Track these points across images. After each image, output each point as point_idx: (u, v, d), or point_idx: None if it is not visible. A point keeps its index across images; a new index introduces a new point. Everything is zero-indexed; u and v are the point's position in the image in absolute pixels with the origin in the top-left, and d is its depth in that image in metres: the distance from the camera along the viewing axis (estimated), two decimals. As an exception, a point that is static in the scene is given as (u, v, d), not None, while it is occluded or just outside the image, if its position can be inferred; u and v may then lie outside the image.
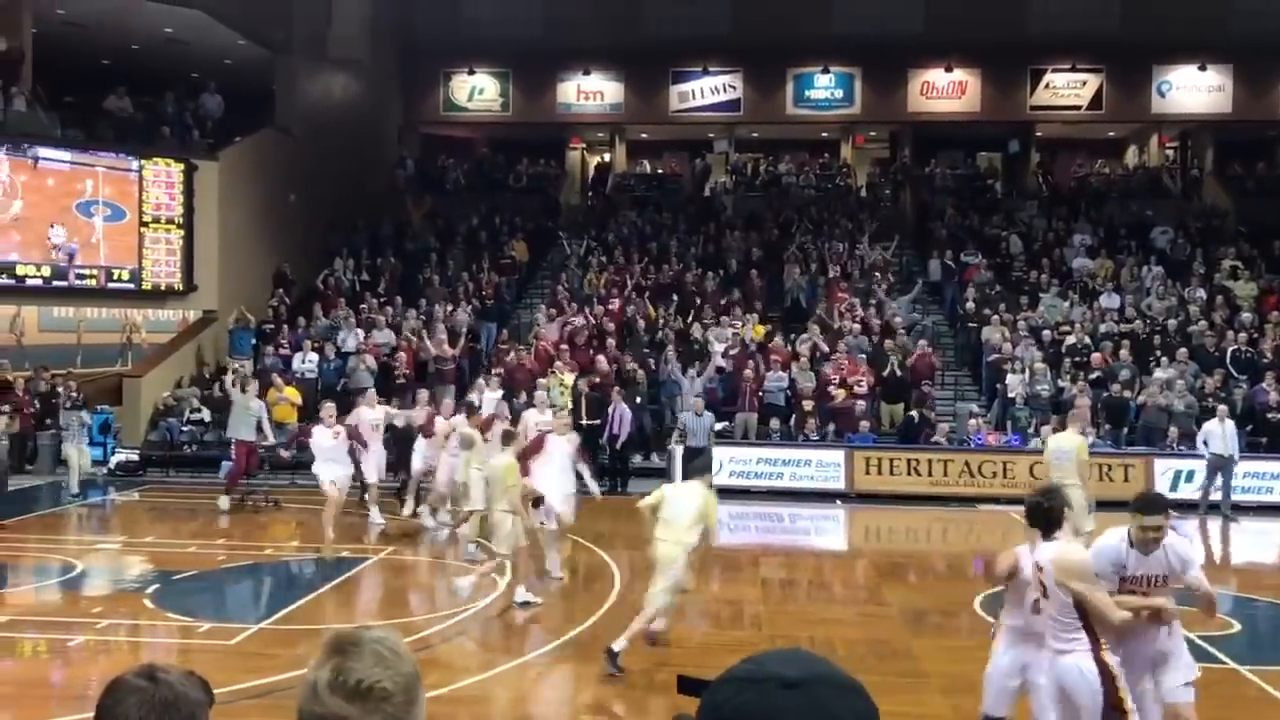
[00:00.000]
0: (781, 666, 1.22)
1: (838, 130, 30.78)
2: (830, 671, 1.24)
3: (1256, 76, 27.83)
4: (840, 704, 1.20)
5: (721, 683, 1.24)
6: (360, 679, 1.64)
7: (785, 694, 1.19)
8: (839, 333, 21.05)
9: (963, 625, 10.27)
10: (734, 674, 1.24)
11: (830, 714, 1.19)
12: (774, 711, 1.18)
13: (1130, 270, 23.73)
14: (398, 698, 1.65)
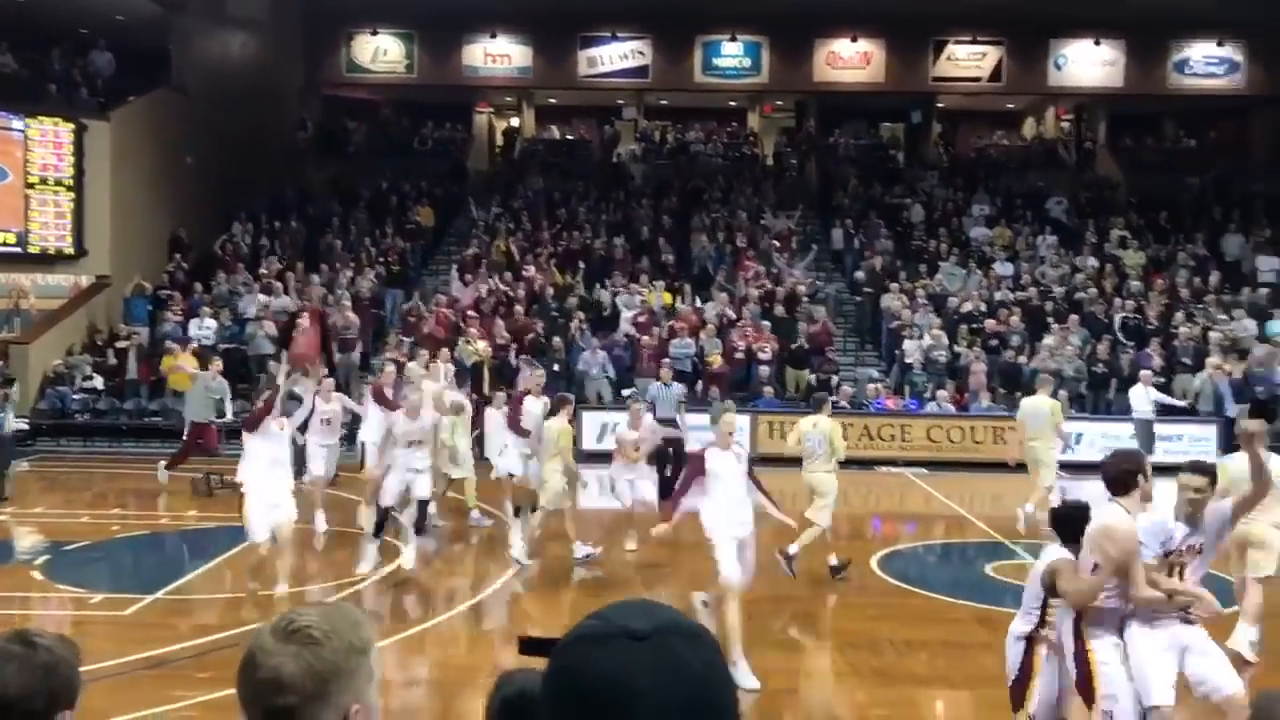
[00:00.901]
0: (628, 619, 1.22)
1: (745, 99, 30.93)
2: (676, 619, 1.24)
3: (1148, 52, 28.66)
4: (691, 653, 1.20)
5: (568, 643, 1.22)
6: (296, 623, 1.68)
7: (636, 647, 1.18)
8: (744, 300, 21.29)
9: (859, 584, 10.54)
10: (580, 632, 1.23)
11: (682, 663, 1.19)
12: (626, 667, 1.17)
13: (1025, 239, 24.38)
14: (325, 649, 1.66)
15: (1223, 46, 28.46)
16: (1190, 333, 20.12)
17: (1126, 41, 28.47)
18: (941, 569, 11.86)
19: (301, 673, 1.63)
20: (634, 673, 1.17)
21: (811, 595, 9.98)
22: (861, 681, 7.65)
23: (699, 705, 1.18)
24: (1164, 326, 20.59)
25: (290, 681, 1.63)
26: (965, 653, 8.28)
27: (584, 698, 1.17)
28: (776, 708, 7.14)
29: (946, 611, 9.93)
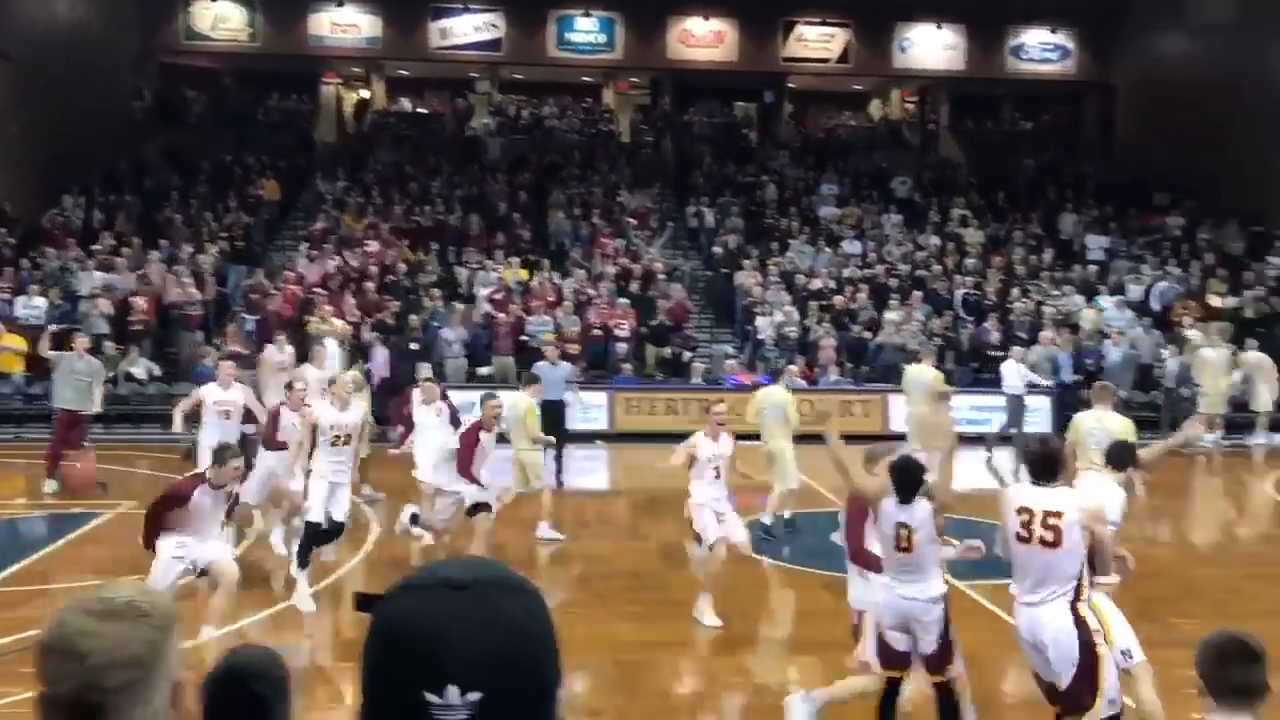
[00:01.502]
0: (451, 571, 1.23)
1: (600, 75, 30.89)
2: (501, 573, 1.25)
3: (987, 37, 29.73)
4: (510, 603, 1.21)
5: (389, 594, 1.24)
6: (118, 599, 1.63)
7: (454, 596, 1.20)
8: (601, 277, 21.33)
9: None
10: (403, 583, 1.25)
11: (499, 612, 1.20)
12: (443, 615, 1.19)
13: (872, 218, 25.07)
14: (154, 620, 1.62)
15: (1056, 33, 29.75)
16: (1026, 308, 21.03)
17: (967, 26, 29.47)
18: (790, 538, 12.12)
19: (143, 646, 1.59)
20: (447, 621, 1.18)
21: (663, 568, 10.08)
22: (712, 650, 7.77)
23: (514, 656, 1.19)
24: (1001, 302, 21.47)
25: (131, 658, 1.58)
26: (812, 619, 8.50)
27: (397, 644, 1.19)
28: (630, 678, 7.19)
29: (795, 579, 10.18)
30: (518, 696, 1.19)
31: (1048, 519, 5.20)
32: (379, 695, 1.20)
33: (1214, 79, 25.66)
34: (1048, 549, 5.19)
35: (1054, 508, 5.22)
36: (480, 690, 1.16)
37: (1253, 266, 23.14)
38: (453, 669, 1.16)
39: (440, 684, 1.16)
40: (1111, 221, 25.39)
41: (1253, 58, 25.05)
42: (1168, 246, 24.20)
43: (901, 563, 5.64)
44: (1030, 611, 5.23)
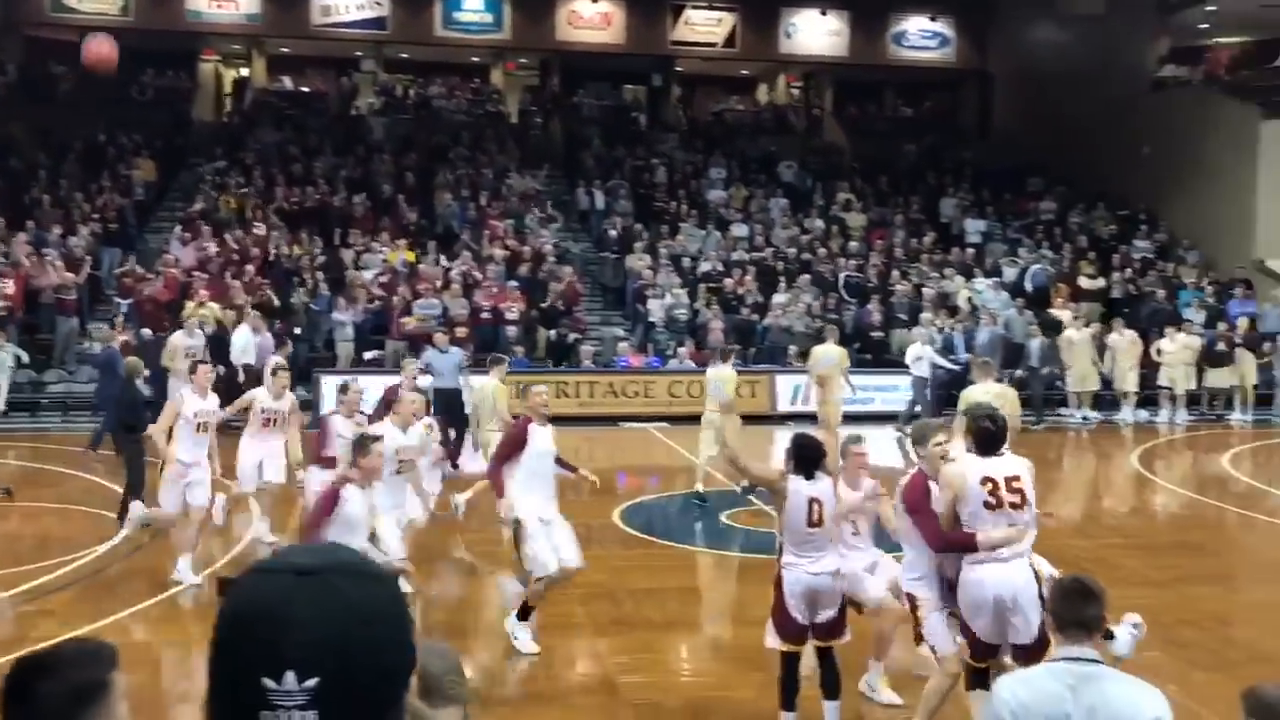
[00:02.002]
0: (299, 556, 1.24)
1: (488, 55, 30.60)
2: (352, 560, 1.25)
3: (869, 24, 30.28)
4: (358, 589, 1.21)
5: (238, 577, 1.24)
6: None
7: (299, 581, 1.19)
8: (490, 259, 21.21)
9: (601, 537, 10.78)
10: (254, 566, 1.25)
11: (344, 598, 1.19)
12: (286, 599, 1.18)
13: (759, 202, 25.41)
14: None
15: (935, 21, 30.47)
16: (906, 290, 21.60)
17: (850, 13, 29.97)
18: (681, 519, 12.29)
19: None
20: (291, 604, 1.18)
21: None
22: (601, 631, 7.86)
23: (356, 642, 1.19)
24: (883, 284, 22.01)
25: None
26: (700, 597, 8.67)
27: (239, 628, 1.19)
28: (515, 664, 7.23)
29: (684, 559, 10.34)
30: (357, 682, 1.18)
31: (1010, 484, 5.50)
32: (220, 680, 1.19)
33: (1084, 68, 26.63)
34: (1016, 510, 5.48)
35: (1012, 473, 5.54)
36: (318, 675, 1.15)
37: (1120, 249, 24.15)
38: (291, 654, 1.16)
39: (278, 669, 1.15)
40: (988, 206, 26.20)
41: (1121, 48, 26.09)
42: (1041, 230, 25.08)
43: (811, 539, 5.82)
44: (1002, 569, 5.42)
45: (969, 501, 5.50)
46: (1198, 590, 8.98)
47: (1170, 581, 9.22)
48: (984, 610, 5.43)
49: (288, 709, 1.16)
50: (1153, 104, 25.13)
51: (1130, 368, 19.14)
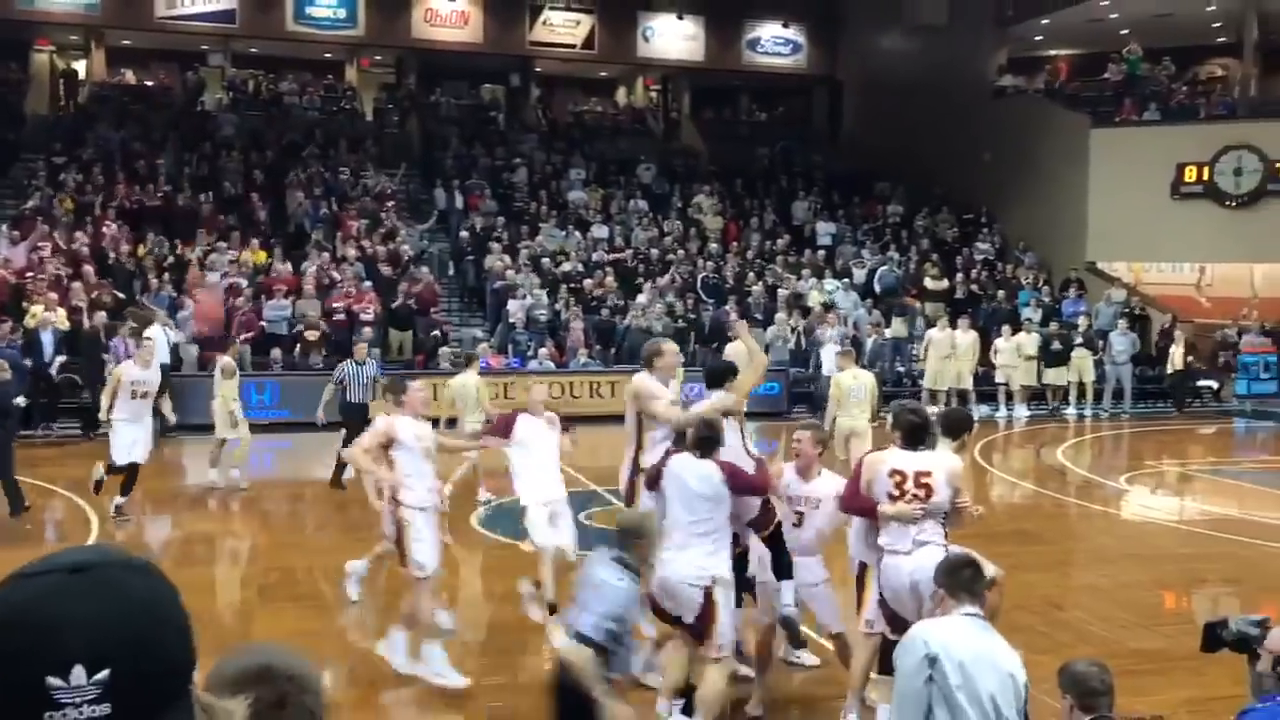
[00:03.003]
0: (70, 556, 1.22)
1: (342, 52, 29.98)
2: (123, 556, 1.23)
3: (724, 29, 30.82)
4: (136, 582, 1.20)
5: (7, 578, 1.20)
6: None
7: (72, 578, 1.18)
8: (344, 259, 20.81)
9: (461, 541, 10.70)
10: (17, 572, 1.20)
11: (125, 591, 1.18)
12: (64, 597, 1.16)
13: (619, 203, 25.59)
14: None
15: (788, 29, 31.19)
16: (761, 290, 22.06)
17: (706, 18, 30.44)
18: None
19: None
20: (70, 603, 1.16)
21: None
22: (458, 635, 7.81)
23: (142, 633, 1.18)
24: (739, 285, 22.43)
25: None
26: (558, 599, 8.67)
27: (14, 630, 1.15)
28: (370, 671, 7.14)
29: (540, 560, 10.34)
30: (147, 672, 1.17)
31: (920, 479, 5.82)
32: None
33: (928, 76, 27.68)
34: (920, 503, 5.82)
35: (924, 468, 5.85)
36: (108, 667, 1.14)
37: (963, 252, 25.16)
38: (77, 648, 1.14)
39: (64, 666, 1.13)
40: (839, 209, 26.96)
41: (962, 58, 27.19)
42: (888, 233, 25.94)
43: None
44: (912, 558, 5.75)
45: (875, 490, 5.92)
46: (1032, 577, 9.42)
47: (1006, 569, 9.64)
48: (902, 593, 5.79)
49: (77, 705, 1.13)
50: (992, 112, 26.27)
51: (970, 366, 19.93)
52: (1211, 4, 24.68)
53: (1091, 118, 24.31)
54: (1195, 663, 5.93)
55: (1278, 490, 14.34)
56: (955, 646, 4.01)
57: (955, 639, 4.06)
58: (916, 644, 4.08)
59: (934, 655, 3.99)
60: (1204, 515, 12.66)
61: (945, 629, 4.14)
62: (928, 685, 4.00)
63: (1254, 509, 13.05)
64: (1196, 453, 17.81)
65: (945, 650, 3.97)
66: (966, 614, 4.19)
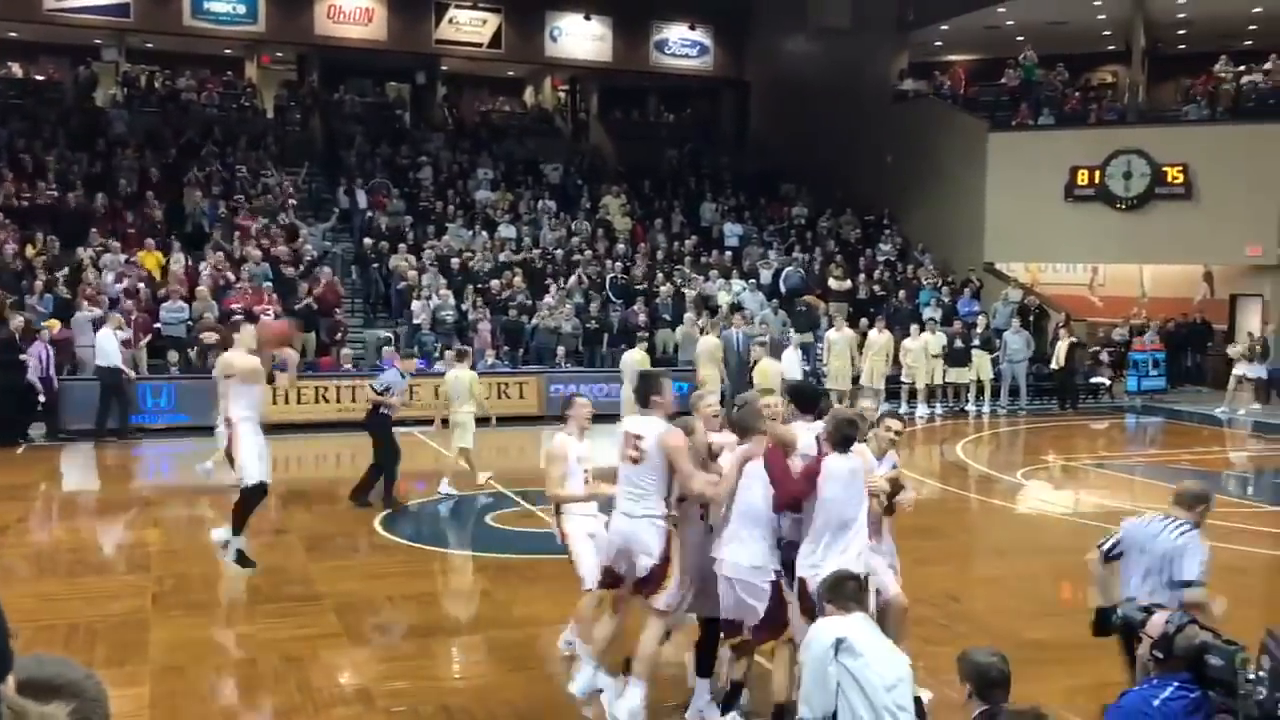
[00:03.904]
0: None
1: (241, 48, 29.33)
2: None
3: (632, 31, 30.87)
4: None
5: None
6: None
7: None
8: (244, 260, 20.34)
9: (361, 545, 10.55)
10: None
11: None
12: None
13: (527, 203, 25.46)
14: None
15: (695, 30, 31.36)
16: (670, 291, 22.13)
17: (614, 19, 30.45)
18: (445, 523, 12.17)
19: None
20: None
21: (307, 560, 9.81)
22: (359, 640, 7.68)
23: None
24: (649, 285, 22.47)
25: None
26: (461, 601, 8.60)
27: None
28: (268, 678, 6.97)
29: (447, 563, 10.24)
30: None
31: None
32: None
33: (832, 80, 28.10)
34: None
35: None
36: None
37: (866, 252, 25.58)
38: None
39: None
40: (745, 210, 27.20)
41: (865, 61, 27.65)
42: (794, 234, 26.24)
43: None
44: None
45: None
46: (933, 570, 9.59)
47: (909, 564, 9.81)
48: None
49: None
50: (894, 115, 26.74)
51: (883, 365, 20.25)
52: (1102, 13, 25.48)
53: (989, 122, 24.91)
54: (1090, 651, 6.12)
55: (1165, 483, 14.82)
56: (858, 636, 4.45)
57: (857, 631, 4.49)
58: (825, 632, 4.47)
59: (841, 639, 4.39)
60: (1097, 508, 13.04)
61: (849, 625, 4.53)
62: (836, 667, 4.36)
63: (1143, 501, 13.48)
64: (1089, 448, 18.34)
65: (850, 638, 4.41)
66: (857, 616, 4.63)
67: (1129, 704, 4.33)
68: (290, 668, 7.07)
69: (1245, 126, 22.73)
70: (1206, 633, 4.36)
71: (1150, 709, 4.23)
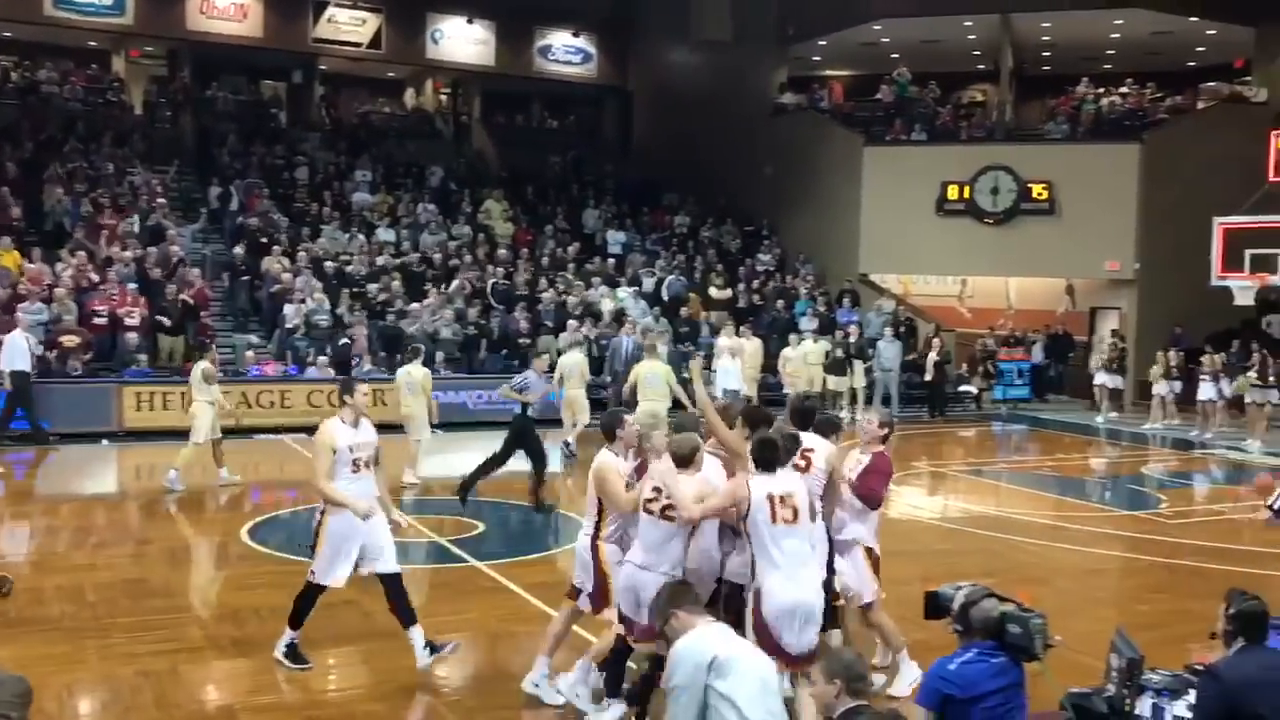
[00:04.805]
0: None
1: (108, 41, 28.25)
2: None
3: (515, 35, 30.75)
4: None
5: None
6: None
7: None
8: (109, 261, 19.57)
9: (228, 555, 10.23)
10: None
11: None
12: None
13: (406, 206, 25.08)
14: None
15: (578, 38, 31.41)
16: (553, 297, 22.06)
17: (497, 23, 30.30)
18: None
19: None
20: None
21: (170, 572, 9.47)
22: (223, 654, 7.44)
23: None
24: (531, 292, 22.36)
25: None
26: (330, 612, 8.37)
27: None
28: (124, 695, 6.69)
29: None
30: None
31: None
32: None
33: (714, 91, 28.42)
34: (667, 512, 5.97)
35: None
36: None
37: (746, 262, 25.92)
38: None
39: None
40: (628, 218, 27.29)
41: (746, 74, 28.04)
42: (676, 243, 26.44)
43: None
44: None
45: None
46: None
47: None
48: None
49: None
50: (774, 128, 27.18)
51: (754, 374, 20.49)
52: (972, 34, 26.35)
53: (865, 136, 25.51)
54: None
55: (1030, 489, 15.39)
56: (724, 651, 4.34)
57: (722, 646, 4.40)
58: (693, 652, 4.33)
59: (713, 658, 4.28)
60: (964, 513, 13.43)
61: (711, 638, 4.46)
62: (706, 689, 4.26)
63: (1009, 506, 13.96)
64: (958, 454, 18.90)
65: (719, 655, 4.30)
66: (712, 623, 4.55)
67: (929, 671, 4.63)
68: (148, 684, 6.80)
69: (1104, 146, 23.77)
70: (1007, 604, 4.62)
71: (946, 672, 4.48)
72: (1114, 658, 4.82)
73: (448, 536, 10.98)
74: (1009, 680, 4.48)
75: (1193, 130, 23.89)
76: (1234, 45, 25.56)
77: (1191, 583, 9.92)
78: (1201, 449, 18.88)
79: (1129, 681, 4.70)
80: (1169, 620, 8.59)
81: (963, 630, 4.65)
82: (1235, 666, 4.45)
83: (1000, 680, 4.45)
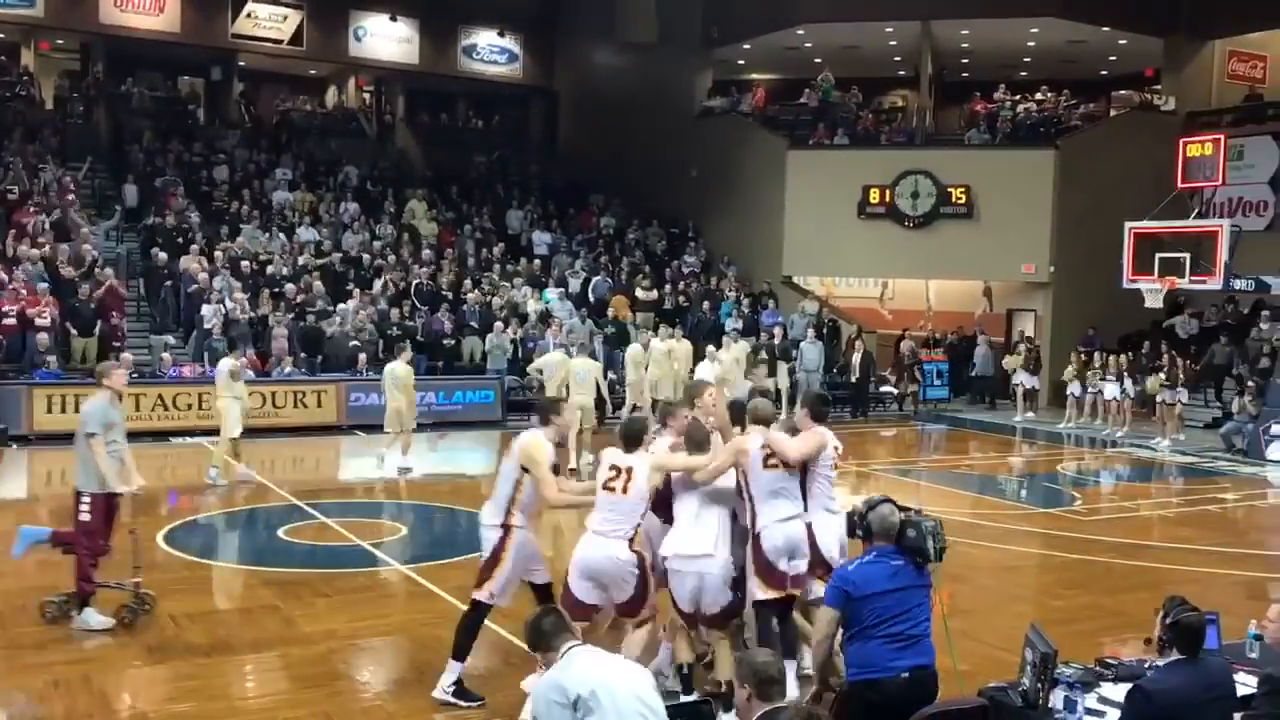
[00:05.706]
0: None
1: (17, 33, 27.40)
2: None
3: (440, 34, 30.50)
4: None
5: None
6: None
7: None
8: (18, 261, 19.00)
9: (144, 560, 9.96)
10: None
11: None
12: None
13: (328, 205, 24.74)
14: None
15: (504, 37, 31.26)
16: (478, 298, 21.91)
17: (421, 21, 30.03)
18: (235, 537, 11.68)
19: None
20: None
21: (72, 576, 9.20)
22: (136, 662, 7.27)
23: None
24: (455, 292, 22.19)
25: None
26: (249, 617, 8.25)
27: None
28: (33, 705, 6.51)
29: (234, 579, 9.82)
30: None
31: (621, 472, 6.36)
32: None
33: (640, 93, 28.47)
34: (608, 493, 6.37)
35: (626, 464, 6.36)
36: None
37: (671, 264, 26.01)
38: None
39: None
40: (554, 219, 27.22)
41: (671, 77, 28.13)
42: (602, 244, 26.45)
43: None
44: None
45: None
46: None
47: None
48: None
49: None
50: (699, 130, 27.32)
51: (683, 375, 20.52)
52: (893, 40, 26.75)
53: (788, 140, 25.75)
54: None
55: (950, 486, 15.68)
56: (593, 680, 4.06)
57: (590, 675, 4.09)
58: (555, 690, 4.07)
59: (578, 695, 4.01)
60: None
61: (576, 669, 4.14)
62: None
63: (930, 504, 14.18)
64: (880, 454, 19.16)
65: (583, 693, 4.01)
66: (577, 647, 4.26)
67: (834, 572, 5.28)
68: (59, 693, 6.62)
69: (1020, 152, 24.29)
70: (906, 511, 5.16)
71: (846, 573, 5.06)
72: (1028, 652, 4.93)
73: (370, 540, 10.86)
74: (907, 581, 4.94)
75: (1105, 137, 24.52)
76: (1144, 55, 26.30)
77: (1104, 579, 10.18)
78: (1113, 447, 19.40)
79: (1043, 675, 4.81)
80: (1082, 615, 8.81)
81: (864, 535, 5.14)
82: (1167, 684, 4.45)
83: (898, 580, 4.92)
